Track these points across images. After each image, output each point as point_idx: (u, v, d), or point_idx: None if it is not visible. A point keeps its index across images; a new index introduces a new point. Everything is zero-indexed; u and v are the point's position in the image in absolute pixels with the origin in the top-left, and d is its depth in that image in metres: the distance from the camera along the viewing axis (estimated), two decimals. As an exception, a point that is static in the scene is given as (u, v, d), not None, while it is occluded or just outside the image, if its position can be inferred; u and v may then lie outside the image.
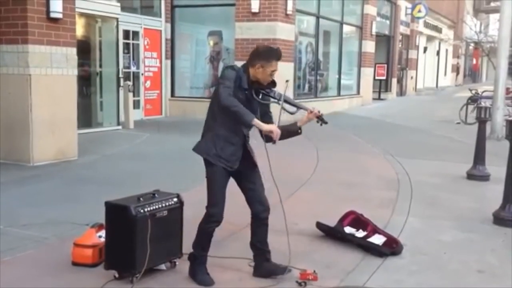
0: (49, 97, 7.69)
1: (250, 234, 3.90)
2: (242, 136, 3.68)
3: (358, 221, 4.87)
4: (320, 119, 3.78)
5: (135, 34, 13.17)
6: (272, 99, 3.71)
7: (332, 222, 4.88)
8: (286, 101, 3.70)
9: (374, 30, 19.50)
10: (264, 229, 3.85)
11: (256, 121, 3.52)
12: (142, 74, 13.43)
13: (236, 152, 3.67)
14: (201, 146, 3.73)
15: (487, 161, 7.50)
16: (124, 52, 12.62)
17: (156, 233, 3.73)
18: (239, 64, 3.78)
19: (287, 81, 3.75)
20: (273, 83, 3.73)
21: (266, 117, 3.77)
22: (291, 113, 3.77)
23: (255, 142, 3.79)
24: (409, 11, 24.35)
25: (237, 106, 3.48)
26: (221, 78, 3.60)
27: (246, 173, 3.76)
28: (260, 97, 3.69)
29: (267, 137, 3.61)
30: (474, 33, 31.53)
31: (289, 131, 3.76)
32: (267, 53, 3.69)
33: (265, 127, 3.55)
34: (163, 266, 3.96)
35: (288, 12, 13.15)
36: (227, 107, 3.50)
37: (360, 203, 5.64)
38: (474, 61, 46.44)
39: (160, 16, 14.07)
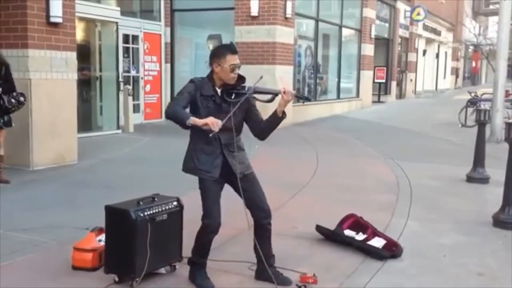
0: (49, 102, 7.70)
1: (254, 238, 3.88)
2: (218, 145, 3.63)
3: (358, 224, 4.87)
4: (299, 96, 3.67)
5: (135, 38, 13.19)
6: (244, 95, 3.58)
7: (331, 225, 4.88)
8: (257, 91, 3.61)
9: (373, 33, 19.53)
10: (267, 234, 3.82)
11: (192, 120, 3.49)
12: (141, 78, 13.44)
13: (214, 161, 3.63)
14: (184, 163, 3.79)
15: (486, 163, 7.51)
16: (123, 56, 12.63)
17: (156, 237, 3.73)
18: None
19: (261, 77, 3.62)
20: (241, 79, 3.65)
21: (253, 115, 3.71)
22: (268, 102, 3.67)
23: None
24: (408, 14, 24.39)
25: (175, 111, 3.52)
26: (176, 94, 3.61)
27: (241, 181, 3.65)
28: (233, 97, 3.61)
29: (208, 131, 3.49)
30: (473, 35, 31.58)
31: (273, 121, 3.64)
32: (219, 49, 3.64)
33: (199, 122, 3.48)
34: (163, 270, 3.96)
35: (288, 16, 13.17)
36: (168, 117, 3.56)
37: (360, 206, 5.64)
38: (474, 64, 46.47)
39: (160, 20, 14.09)
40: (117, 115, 11.70)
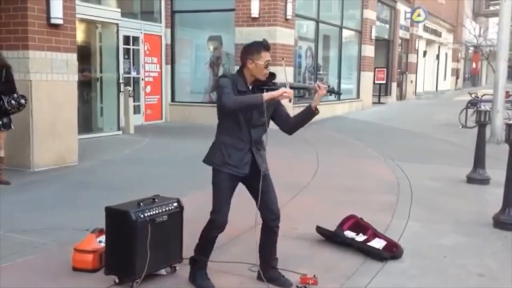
0: (50, 103, 7.71)
1: (260, 239, 3.89)
2: (248, 142, 3.63)
3: (358, 225, 4.87)
4: (332, 91, 3.69)
5: (135, 39, 13.20)
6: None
7: (332, 226, 4.89)
8: (292, 87, 3.62)
9: (373, 35, 19.53)
10: (273, 237, 3.83)
11: (266, 95, 3.47)
12: (142, 79, 13.46)
13: (244, 157, 3.62)
14: (209, 156, 3.72)
15: (487, 164, 7.51)
16: (124, 58, 12.65)
17: (156, 238, 3.73)
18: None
19: (282, 59, 3.68)
20: (272, 76, 3.66)
21: (281, 112, 3.74)
22: (301, 97, 3.75)
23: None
24: (408, 15, 24.39)
25: (241, 100, 3.45)
26: (218, 90, 3.55)
27: (256, 180, 3.67)
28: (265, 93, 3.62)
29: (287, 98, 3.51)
30: (474, 36, 31.58)
31: (306, 116, 3.68)
32: (253, 46, 3.63)
33: (275, 93, 3.49)
34: (163, 271, 3.96)
35: (288, 17, 13.18)
36: (234, 108, 3.46)
37: (360, 207, 5.64)
38: (474, 65, 46.46)
39: (160, 22, 14.10)
40: (117, 117, 11.70)
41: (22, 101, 6.78)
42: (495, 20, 24.04)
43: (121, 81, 11.96)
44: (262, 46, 3.60)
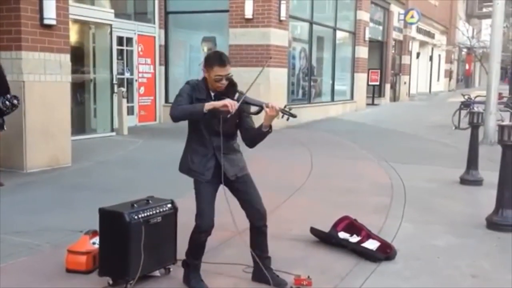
0: (43, 104, 7.69)
1: (249, 239, 3.89)
2: (211, 148, 3.65)
3: (352, 226, 4.88)
4: (284, 113, 3.55)
5: (129, 40, 13.18)
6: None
7: (326, 227, 4.89)
8: (246, 102, 3.58)
9: (367, 36, 19.58)
10: (262, 236, 3.84)
11: (208, 104, 3.47)
12: (136, 80, 13.43)
13: (207, 163, 3.66)
14: (180, 163, 3.84)
15: (480, 166, 7.53)
16: (118, 59, 12.63)
17: (150, 239, 3.72)
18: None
19: (270, 58, 3.64)
20: (233, 86, 3.62)
21: (244, 122, 3.71)
22: (254, 114, 3.67)
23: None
24: (402, 17, 24.47)
25: (184, 109, 3.51)
26: (175, 97, 3.61)
27: (235, 183, 3.72)
28: None
29: (224, 112, 3.48)
30: (467, 38, 31.73)
31: (258, 134, 3.65)
32: (209, 58, 3.64)
33: (218, 103, 3.46)
34: (157, 273, 3.95)
35: (282, 18, 13.19)
36: (177, 117, 3.53)
37: (354, 209, 5.65)
38: (467, 67, 46.67)
39: (154, 23, 14.09)
40: (111, 118, 11.68)
41: (15, 101, 6.76)
42: (488, 22, 24.16)
43: (114, 82, 11.93)
44: (217, 61, 3.57)
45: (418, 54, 30.30)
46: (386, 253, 4.47)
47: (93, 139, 10.94)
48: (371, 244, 4.59)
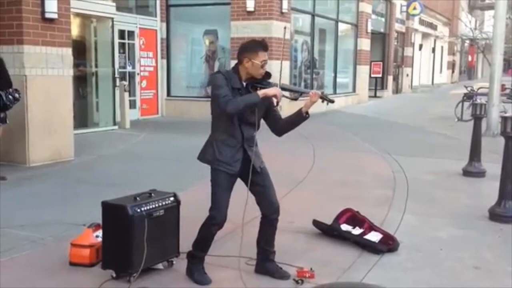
0: (45, 98, 7.69)
1: (258, 232, 3.91)
2: (240, 139, 3.65)
3: (355, 218, 4.88)
4: (324, 98, 3.74)
5: (131, 33, 13.16)
6: None
7: (328, 220, 4.89)
8: (284, 88, 3.67)
9: (369, 28, 19.52)
10: (272, 230, 3.85)
11: (261, 93, 3.54)
12: (138, 73, 13.42)
13: (235, 155, 3.64)
14: (202, 152, 3.75)
15: (482, 157, 7.52)
16: (119, 52, 12.62)
17: (153, 232, 3.73)
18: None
19: (284, 28, 3.78)
20: (267, 75, 3.69)
21: (272, 112, 3.78)
22: (294, 99, 3.83)
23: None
24: (404, 8, 24.39)
25: (240, 102, 3.50)
26: (213, 89, 3.58)
27: (255, 175, 3.70)
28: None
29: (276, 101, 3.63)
30: (469, 30, 31.62)
31: (296, 120, 3.75)
32: (251, 45, 3.65)
33: (269, 91, 3.55)
34: (160, 266, 3.96)
35: (284, 11, 13.16)
36: (235, 112, 3.50)
37: (357, 201, 5.65)
38: (470, 58, 46.52)
39: (156, 16, 14.06)
40: (113, 111, 11.68)
41: (17, 95, 6.80)
42: (491, 13, 24.07)
43: (116, 75, 11.93)
44: (260, 46, 3.62)
45: (420, 46, 30.21)
46: (388, 245, 4.47)
47: (96, 133, 10.95)
48: (374, 236, 4.60)
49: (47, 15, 7.58)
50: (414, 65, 28.07)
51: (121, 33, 12.73)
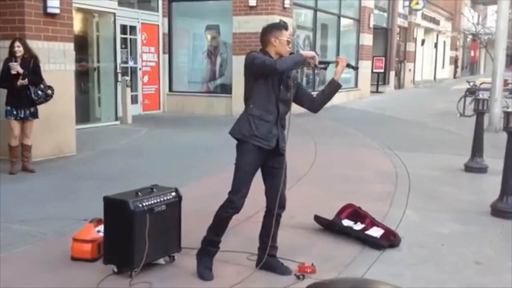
0: (47, 93, 7.68)
1: (261, 226, 3.91)
2: (275, 115, 3.69)
3: (356, 214, 4.88)
4: (349, 65, 3.94)
5: (133, 29, 13.14)
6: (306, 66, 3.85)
7: (330, 215, 4.90)
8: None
9: (371, 23, 19.47)
10: (276, 225, 3.83)
11: (302, 53, 3.72)
12: (139, 69, 13.42)
13: (272, 130, 3.67)
14: (236, 127, 3.72)
15: (485, 153, 7.50)
16: (121, 47, 12.61)
17: (155, 227, 3.74)
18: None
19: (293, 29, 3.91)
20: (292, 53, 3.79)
21: (303, 90, 3.94)
22: (322, 69, 4.06)
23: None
24: (406, 3, 24.30)
25: (287, 59, 3.62)
26: (253, 60, 3.64)
27: (273, 166, 3.75)
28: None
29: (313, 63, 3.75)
30: (472, 25, 31.52)
31: (331, 90, 3.86)
32: (275, 25, 3.81)
33: (307, 53, 3.73)
34: (161, 261, 3.97)
35: (286, 6, 13.12)
36: (285, 68, 3.60)
37: (358, 197, 5.65)
38: (472, 53, 46.39)
39: (157, 11, 14.04)
40: (115, 106, 11.68)
41: (49, 91, 7.01)
42: (494, 8, 23.98)
43: (118, 71, 11.92)
44: (283, 26, 3.79)
45: (423, 41, 30.13)
46: (390, 240, 4.47)
47: (97, 128, 10.96)
48: (375, 232, 4.60)
49: (49, 10, 7.58)
50: (416, 60, 28.00)
51: (123, 28, 12.71)
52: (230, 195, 3.67)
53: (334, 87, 3.85)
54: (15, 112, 6.82)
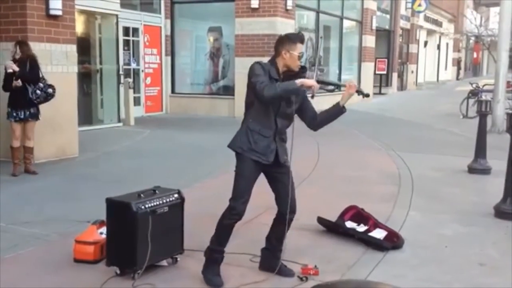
0: (50, 95, 7.68)
1: (270, 229, 3.90)
2: (273, 130, 3.65)
3: (359, 215, 4.87)
4: (360, 91, 3.79)
5: (135, 30, 13.16)
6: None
7: (333, 217, 4.89)
8: (321, 81, 3.69)
9: (374, 25, 19.47)
10: (284, 229, 3.79)
11: (299, 81, 3.53)
12: (142, 70, 13.43)
13: (270, 145, 3.64)
14: (235, 140, 3.70)
15: (488, 154, 7.49)
16: (124, 49, 12.62)
17: (157, 229, 3.73)
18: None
19: (321, 37, 3.81)
20: (303, 68, 3.70)
21: (308, 106, 3.79)
22: (330, 91, 3.85)
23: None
24: (409, 5, 24.32)
25: (277, 87, 3.48)
26: (251, 77, 3.56)
27: (276, 171, 3.72)
28: None
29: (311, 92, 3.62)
30: (475, 26, 31.47)
31: (333, 113, 3.79)
32: (291, 37, 3.68)
33: (307, 81, 3.56)
34: (164, 262, 3.96)
35: (288, 8, 13.13)
36: (272, 97, 3.48)
37: (361, 198, 5.64)
38: (475, 55, 46.35)
39: (160, 13, 14.06)
40: (117, 108, 11.70)
41: (50, 90, 6.93)
42: (496, 10, 23.93)
43: (121, 72, 11.94)
44: (299, 38, 3.66)
45: (425, 43, 30.13)
46: (393, 242, 4.46)
47: (100, 129, 10.97)
48: (379, 233, 4.58)
49: (52, 12, 7.59)
50: (419, 62, 27.99)
51: (126, 30, 12.73)
52: (231, 201, 3.65)
53: (337, 111, 3.77)
54: (14, 114, 6.81)
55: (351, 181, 6.86)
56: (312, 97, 3.61)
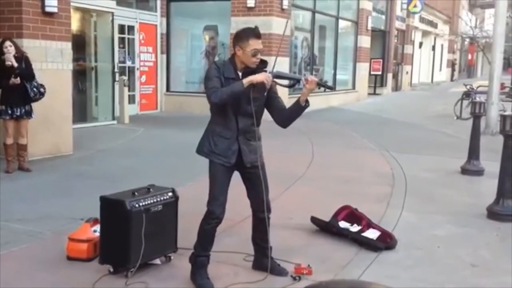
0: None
1: (251, 228, 3.89)
2: (235, 130, 3.58)
3: (353, 215, 4.89)
4: (322, 85, 3.62)
5: (131, 28, 13.13)
6: None
7: (327, 216, 4.89)
8: (277, 76, 3.57)
9: (369, 25, 19.50)
10: (263, 228, 3.76)
11: (246, 81, 3.44)
12: (137, 68, 13.40)
13: (231, 146, 3.58)
14: (199, 145, 3.70)
15: (481, 156, 7.52)
16: (119, 47, 12.59)
17: (151, 227, 3.73)
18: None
19: (286, 21, 3.71)
20: (262, 63, 3.57)
21: (275, 102, 3.67)
22: (288, 87, 3.73)
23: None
24: (404, 6, 24.35)
25: (223, 91, 3.42)
26: (204, 81, 3.54)
27: (246, 171, 3.68)
28: None
29: (260, 87, 3.50)
30: (470, 28, 31.58)
31: (295, 110, 3.61)
32: (242, 33, 3.57)
33: (255, 77, 3.44)
34: (158, 261, 3.96)
35: (284, 7, 13.13)
36: (220, 101, 3.44)
37: (355, 198, 5.65)
38: (470, 56, 46.50)
39: (156, 11, 14.03)
40: (112, 106, 11.67)
41: (42, 89, 6.98)
42: (491, 11, 24.03)
43: (116, 70, 11.91)
44: (252, 33, 3.53)
45: (420, 44, 30.18)
46: (386, 242, 4.47)
47: (95, 127, 10.95)
48: (372, 233, 4.60)
49: (47, 9, 7.56)
50: (414, 63, 28.04)
51: (121, 28, 12.70)
52: (208, 206, 3.62)
53: (298, 108, 3.58)
54: (10, 111, 6.78)
55: (345, 181, 6.88)
56: (265, 91, 3.49)
